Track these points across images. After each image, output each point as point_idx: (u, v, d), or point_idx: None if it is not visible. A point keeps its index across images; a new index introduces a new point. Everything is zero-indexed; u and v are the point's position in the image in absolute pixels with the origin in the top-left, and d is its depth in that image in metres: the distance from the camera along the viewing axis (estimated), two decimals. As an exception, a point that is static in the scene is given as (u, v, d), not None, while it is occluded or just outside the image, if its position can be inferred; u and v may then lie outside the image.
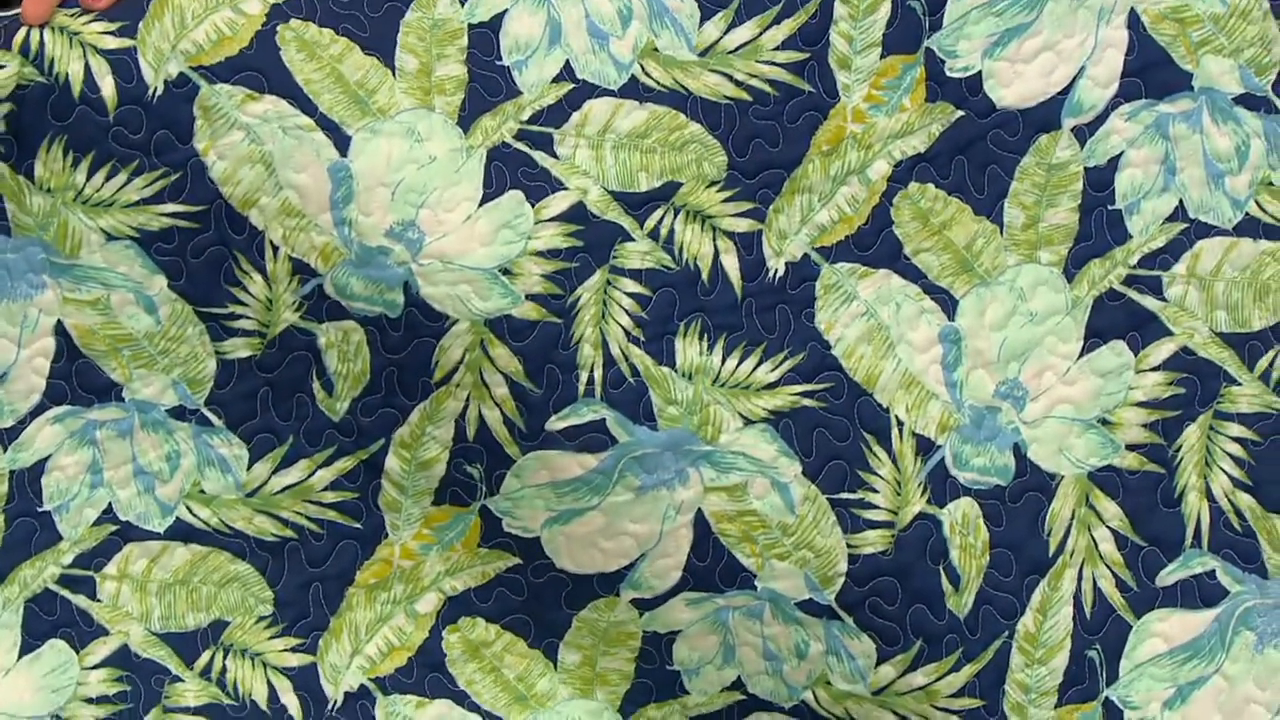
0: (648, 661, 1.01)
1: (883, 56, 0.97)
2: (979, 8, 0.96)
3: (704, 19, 0.97)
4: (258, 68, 0.93)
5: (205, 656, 1.01)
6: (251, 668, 1.01)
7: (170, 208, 0.94)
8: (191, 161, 0.93)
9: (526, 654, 1.01)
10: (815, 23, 0.96)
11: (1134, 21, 0.97)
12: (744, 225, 0.97)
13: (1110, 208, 0.98)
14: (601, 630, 1.00)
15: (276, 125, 0.93)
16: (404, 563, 1.01)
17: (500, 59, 0.96)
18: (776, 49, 0.97)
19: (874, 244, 0.98)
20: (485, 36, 0.96)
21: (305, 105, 0.93)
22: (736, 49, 0.97)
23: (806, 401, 0.97)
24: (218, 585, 1.01)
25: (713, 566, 0.97)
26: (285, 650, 1.01)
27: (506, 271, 0.95)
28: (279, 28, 0.93)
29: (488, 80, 0.96)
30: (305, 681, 1.01)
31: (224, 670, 1.01)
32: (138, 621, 1.01)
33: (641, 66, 0.96)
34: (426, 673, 1.01)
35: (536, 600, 1.00)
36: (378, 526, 1.00)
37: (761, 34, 0.97)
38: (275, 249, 0.95)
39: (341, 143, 0.94)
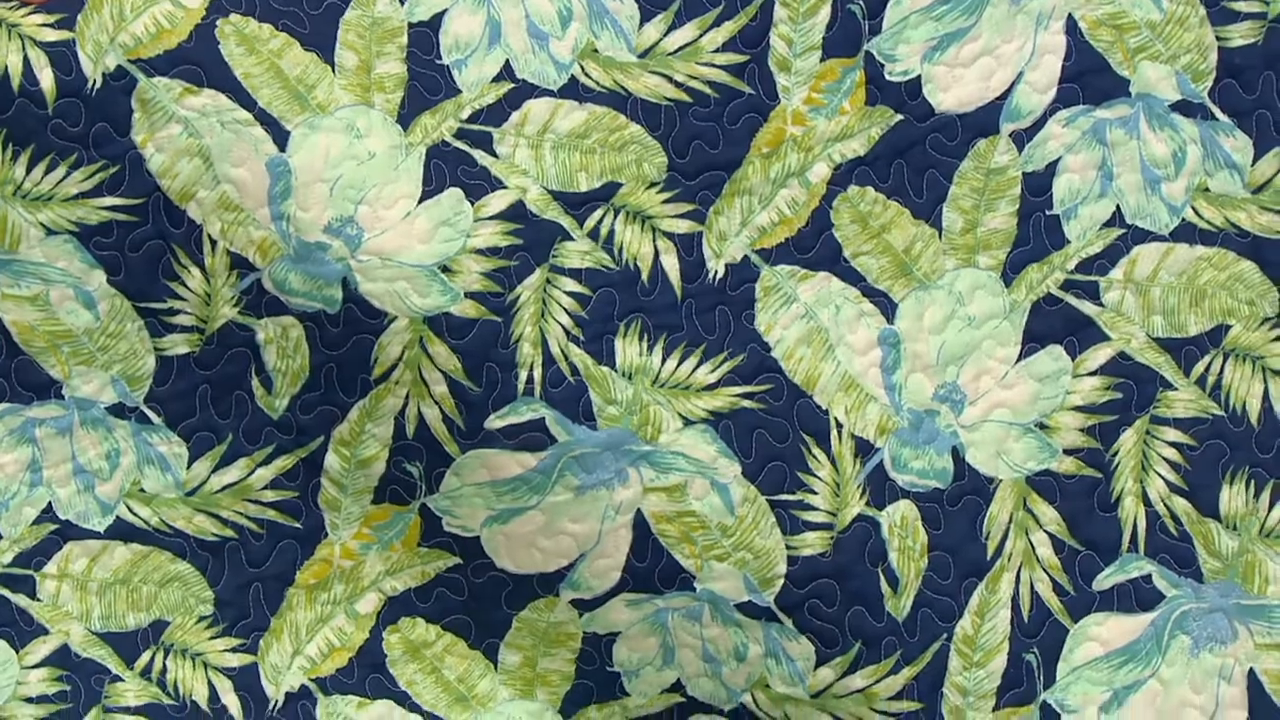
0: (588, 663, 1.01)
1: (823, 59, 0.97)
2: (918, 12, 0.97)
3: (644, 20, 0.97)
4: (196, 61, 0.93)
5: (145, 656, 1.01)
6: (192, 668, 1.01)
7: (109, 201, 0.94)
8: (129, 154, 0.93)
9: (467, 654, 1.01)
10: (755, 25, 0.97)
11: (1072, 27, 0.97)
12: (684, 226, 0.97)
13: (1048, 213, 0.98)
14: (541, 631, 1.00)
15: (215, 119, 0.93)
16: (344, 562, 1.00)
17: (440, 58, 0.96)
18: (716, 51, 0.97)
19: (814, 246, 0.98)
20: (425, 35, 0.96)
21: (244, 99, 0.94)
22: (676, 51, 0.97)
23: (746, 403, 0.97)
24: (158, 585, 1.00)
25: (652, 567, 0.97)
26: (226, 650, 1.01)
27: (446, 269, 0.95)
28: (218, 22, 0.94)
29: (427, 79, 0.96)
30: (246, 681, 1.01)
31: (164, 670, 1.00)
32: (78, 621, 1.00)
33: (581, 67, 0.97)
34: (367, 673, 1.01)
35: (476, 600, 1.00)
36: (317, 526, 1.00)
37: (701, 36, 0.97)
38: (214, 243, 0.95)
39: (280, 137, 0.94)
